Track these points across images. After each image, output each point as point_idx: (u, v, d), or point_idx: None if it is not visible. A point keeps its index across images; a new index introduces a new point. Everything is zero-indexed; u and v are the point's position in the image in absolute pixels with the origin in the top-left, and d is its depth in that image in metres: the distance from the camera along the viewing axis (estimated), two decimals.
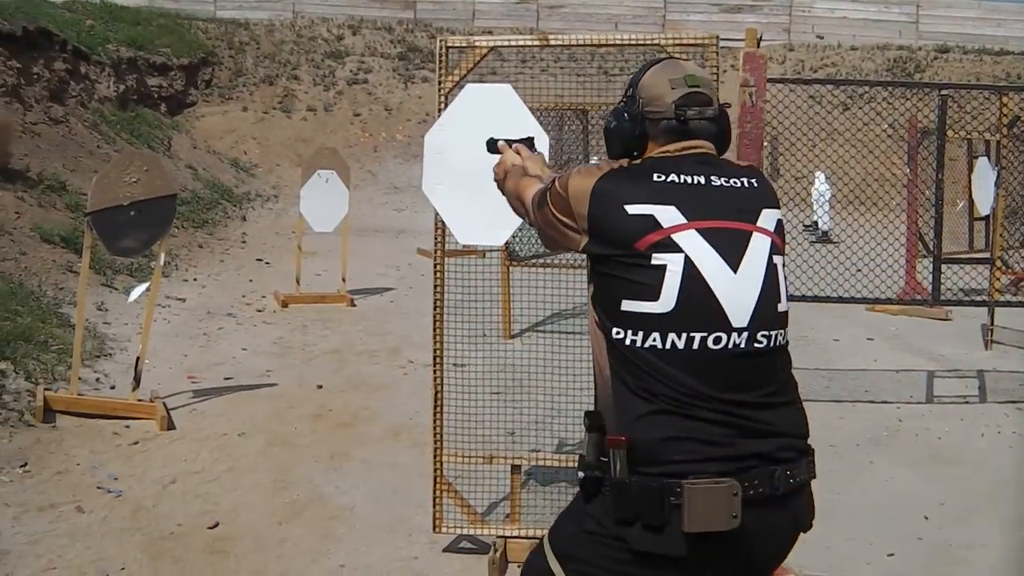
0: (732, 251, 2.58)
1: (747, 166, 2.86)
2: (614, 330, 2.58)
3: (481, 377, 5.69)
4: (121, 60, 19.70)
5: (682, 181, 2.62)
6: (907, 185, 11.15)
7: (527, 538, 4.99)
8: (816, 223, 15.65)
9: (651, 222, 2.56)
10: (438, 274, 5.04)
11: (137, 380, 7.07)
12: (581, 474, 2.62)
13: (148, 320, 7.35)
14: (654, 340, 2.51)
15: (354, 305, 11.35)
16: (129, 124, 18.43)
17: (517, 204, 3.14)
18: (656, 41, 4.91)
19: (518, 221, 4.22)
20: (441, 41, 4.97)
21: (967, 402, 8.03)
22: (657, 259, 2.53)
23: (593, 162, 2.58)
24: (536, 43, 5.09)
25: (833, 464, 6.51)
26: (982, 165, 10.71)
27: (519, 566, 4.95)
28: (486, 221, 4.58)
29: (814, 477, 2.66)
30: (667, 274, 2.52)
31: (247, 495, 5.91)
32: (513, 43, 5.14)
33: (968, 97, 12.28)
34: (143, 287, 7.79)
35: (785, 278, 2.69)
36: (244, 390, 7.89)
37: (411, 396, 7.58)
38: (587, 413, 2.71)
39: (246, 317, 10.61)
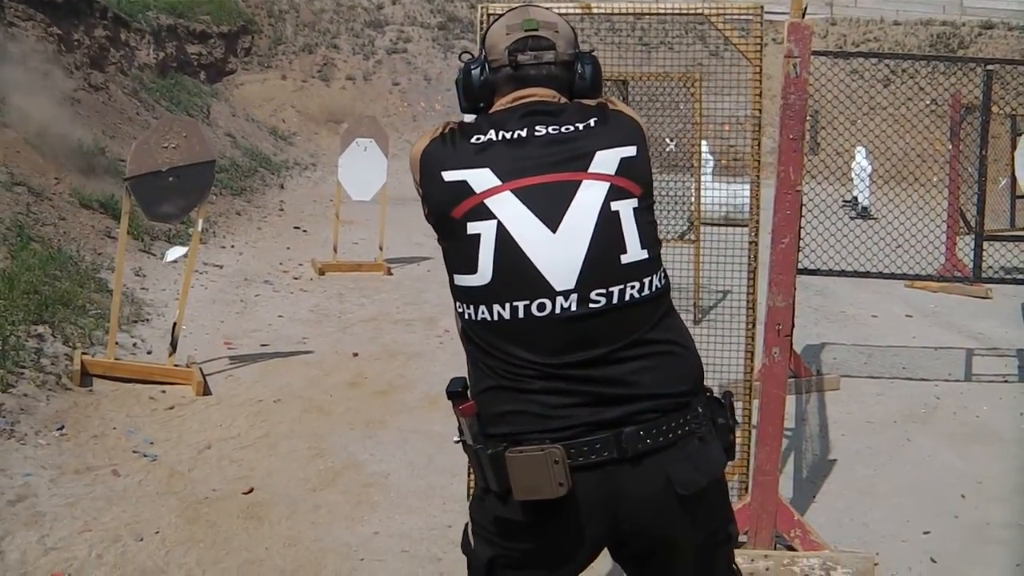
0: (551, 208, 2.35)
1: (596, 104, 2.53)
2: (456, 304, 2.47)
3: None
4: (161, 27, 19.76)
5: (500, 138, 2.42)
6: (949, 162, 11.01)
7: None
8: (856, 198, 15.51)
9: (465, 188, 2.37)
10: None
11: (174, 345, 7.09)
12: (455, 439, 2.50)
13: (186, 286, 7.36)
14: (483, 313, 2.37)
15: (391, 274, 11.35)
16: (168, 91, 18.50)
17: None
18: (700, 10, 4.85)
19: None
20: (482, 8, 4.92)
21: (1006, 381, 7.94)
22: (472, 228, 2.36)
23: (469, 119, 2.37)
24: (578, 10, 5.02)
25: (870, 441, 6.48)
26: None
27: None
28: None
29: (694, 432, 2.38)
30: (481, 244, 2.35)
31: (282, 461, 5.92)
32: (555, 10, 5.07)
33: (1014, 73, 12.10)
34: (181, 249, 7.80)
35: (641, 223, 2.40)
36: (280, 357, 7.91)
37: (447, 365, 7.56)
38: (452, 380, 2.46)
39: (283, 284, 10.64)
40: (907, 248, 8.38)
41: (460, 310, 2.45)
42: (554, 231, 2.33)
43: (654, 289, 2.41)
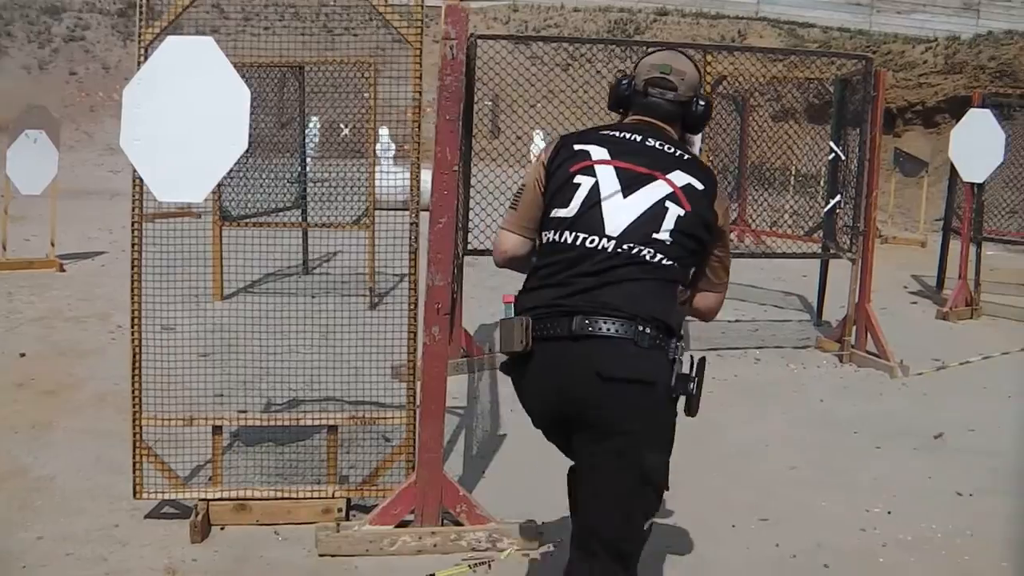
0: (631, 185, 3.29)
1: (691, 156, 3.45)
2: (543, 234, 3.39)
3: (190, 339, 5.55)
4: None
5: (621, 136, 3.41)
6: None
7: (230, 499, 4.92)
8: None
9: (585, 154, 3.37)
10: (135, 234, 4.87)
11: None
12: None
13: None
14: (556, 236, 3.30)
15: (64, 270, 10.89)
16: None
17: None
18: None
19: (218, 178, 4.13)
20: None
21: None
22: (577, 179, 3.33)
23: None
24: None
25: None
26: None
27: (222, 528, 4.91)
28: (185, 178, 4.43)
29: (634, 341, 3.10)
30: (578, 191, 3.30)
31: None
32: None
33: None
34: None
35: (678, 224, 3.24)
36: None
37: (119, 361, 7.31)
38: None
39: None
40: None
41: (545, 236, 3.37)
42: (625, 198, 3.27)
43: (659, 261, 3.21)
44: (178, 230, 5.47)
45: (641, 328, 3.11)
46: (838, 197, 9.13)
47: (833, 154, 9.27)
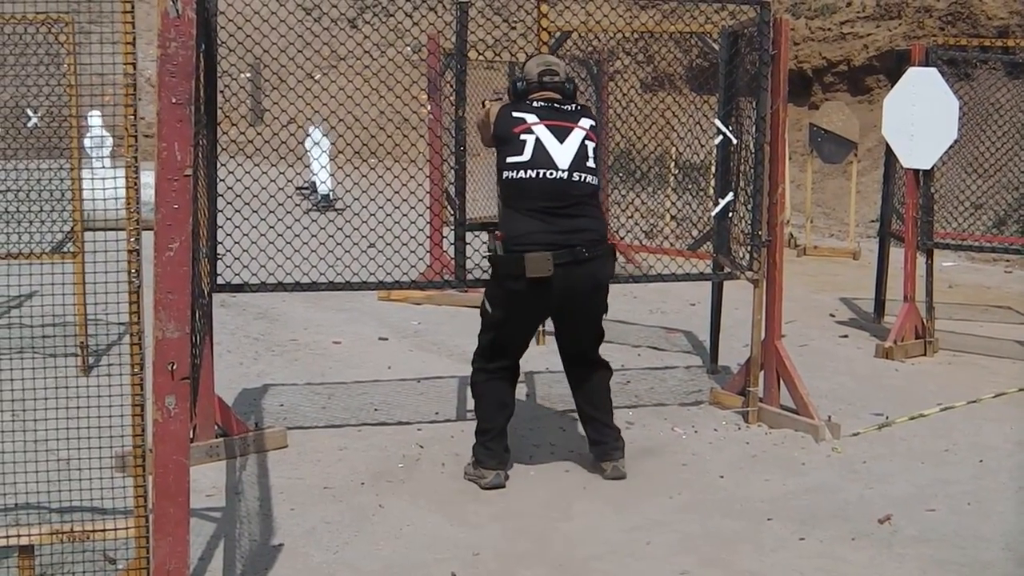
0: (560, 134, 7.25)
1: (579, 104, 7.64)
2: (504, 173, 7.23)
3: None
4: None
5: (538, 105, 7.37)
6: (430, 127, 11.39)
7: None
8: (314, 184, 15.87)
9: (522, 120, 7.27)
10: None
11: None
12: (488, 254, 7.38)
13: None
14: (521, 173, 7.15)
15: None
16: None
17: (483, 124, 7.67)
18: None
19: None
20: None
21: None
22: (522, 137, 7.20)
23: None
24: None
25: (329, 513, 6.86)
26: None
27: None
28: None
29: (607, 255, 7.34)
30: (526, 143, 7.17)
31: None
32: None
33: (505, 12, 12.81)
34: None
35: (595, 153, 7.38)
36: None
37: None
38: (490, 225, 8.05)
39: None
40: (381, 247, 8.48)
41: (506, 176, 7.21)
42: (561, 143, 7.23)
43: (594, 182, 7.36)
44: None
45: (604, 245, 7.32)
46: (730, 195, 9.20)
47: (721, 136, 9.36)
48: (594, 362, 7.75)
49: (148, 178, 4.90)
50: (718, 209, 9.36)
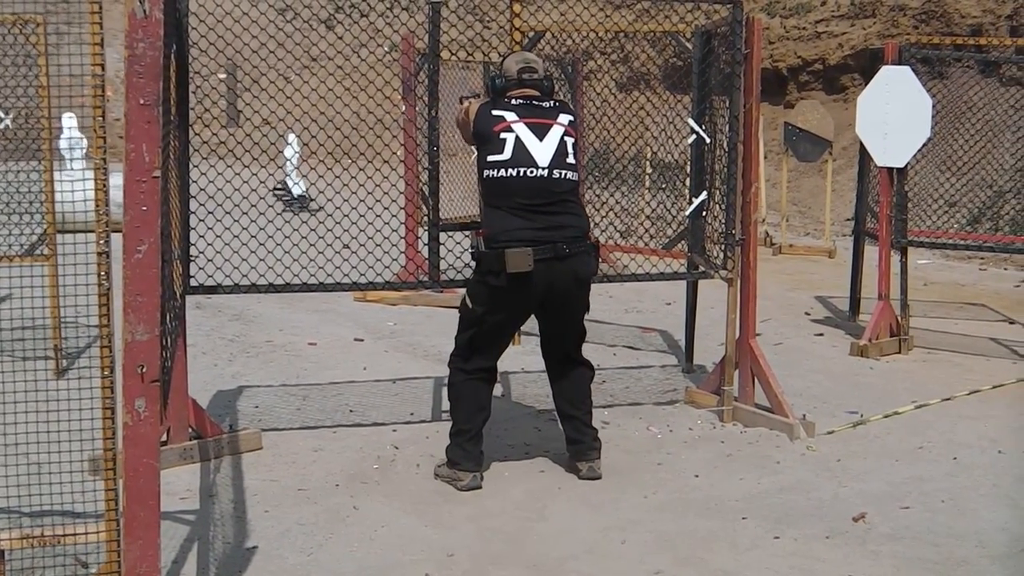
0: (540, 132, 7.33)
1: (558, 100, 7.81)
2: (485, 172, 7.32)
3: None
4: None
5: (517, 103, 7.41)
6: (404, 127, 11.28)
7: None
8: (286, 184, 15.83)
9: (501, 118, 7.33)
10: None
11: None
12: (471, 251, 7.39)
13: None
14: (501, 172, 7.24)
15: None
16: None
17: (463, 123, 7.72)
18: None
19: None
20: None
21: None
22: (502, 135, 7.28)
23: None
24: None
25: (304, 515, 6.81)
26: None
27: None
28: None
29: (589, 251, 7.40)
30: (507, 142, 7.26)
31: None
32: None
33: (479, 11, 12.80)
34: None
35: (575, 150, 7.47)
36: None
37: None
38: (473, 223, 8.55)
39: None
40: (356, 248, 8.47)
41: (487, 174, 7.29)
42: (541, 141, 7.31)
43: (575, 178, 7.45)
44: None
45: (586, 242, 7.40)
46: (704, 195, 9.24)
47: (695, 135, 9.41)
48: (577, 362, 7.78)
49: (118, 179, 4.88)
50: (692, 208, 9.40)
